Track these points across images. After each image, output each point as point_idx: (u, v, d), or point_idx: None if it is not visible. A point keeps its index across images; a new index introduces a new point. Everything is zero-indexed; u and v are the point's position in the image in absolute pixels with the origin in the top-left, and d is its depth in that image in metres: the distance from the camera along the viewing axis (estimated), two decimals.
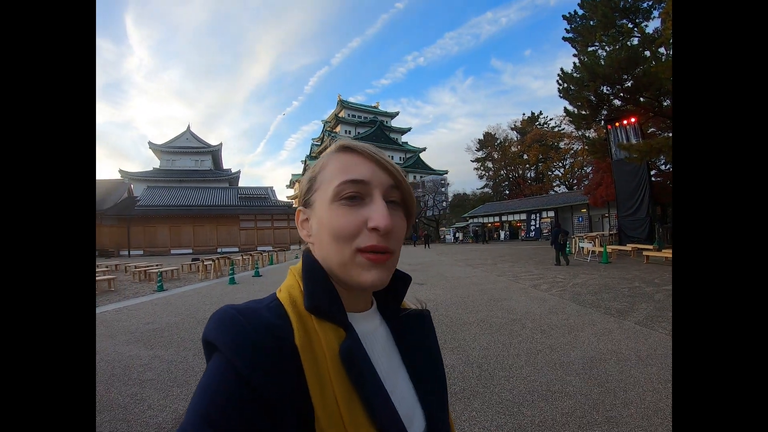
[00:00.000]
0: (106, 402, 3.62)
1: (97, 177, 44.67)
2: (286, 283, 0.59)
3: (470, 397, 3.48)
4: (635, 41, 15.89)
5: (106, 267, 18.18)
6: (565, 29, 19.65)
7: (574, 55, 18.78)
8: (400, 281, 0.66)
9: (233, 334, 0.47)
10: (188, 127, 51.37)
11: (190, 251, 34.41)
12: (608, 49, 16.46)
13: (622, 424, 2.88)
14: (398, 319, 0.66)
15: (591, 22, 18.12)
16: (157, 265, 16.94)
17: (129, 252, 34.15)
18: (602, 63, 15.75)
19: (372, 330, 0.61)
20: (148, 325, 6.95)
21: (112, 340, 5.91)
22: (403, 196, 0.59)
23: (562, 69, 18.28)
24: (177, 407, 3.45)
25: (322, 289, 0.55)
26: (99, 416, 3.33)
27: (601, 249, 14.77)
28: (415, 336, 0.66)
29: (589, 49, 17.97)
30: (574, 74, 17.67)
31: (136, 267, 16.83)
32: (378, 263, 0.53)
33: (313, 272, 0.56)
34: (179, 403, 3.54)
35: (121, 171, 44.72)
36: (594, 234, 23.16)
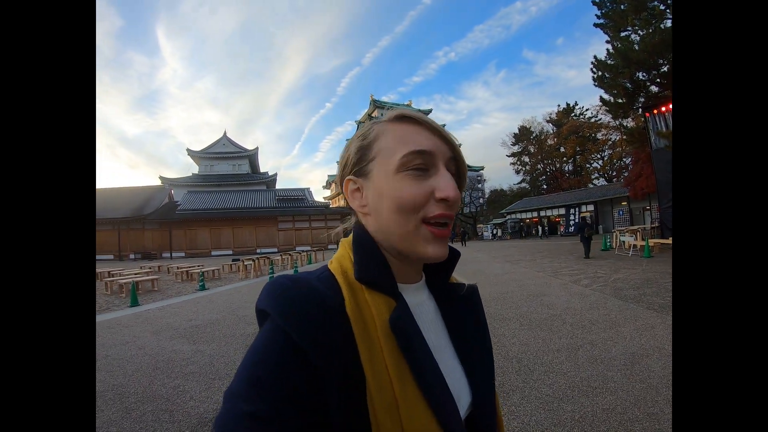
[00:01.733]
0: (150, 393, 3.79)
1: (138, 184, 46.65)
2: (337, 255, 0.59)
3: (509, 391, 3.44)
4: (669, 23, 15.13)
5: (150, 268, 18.98)
6: (596, 15, 18.91)
7: (607, 42, 18.07)
8: (450, 255, 0.65)
9: (284, 301, 0.48)
10: (224, 133, 52.66)
11: (230, 252, 35.30)
12: (641, 33, 15.79)
13: (663, 421, 2.78)
14: (446, 294, 0.66)
15: (621, 6, 17.28)
16: (198, 266, 17.53)
17: (171, 254, 35.39)
18: (636, 48, 15.11)
19: (420, 302, 0.61)
20: (191, 321, 7.21)
21: (156, 336, 6.17)
22: (459, 169, 0.60)
23: (595, 56, 17.72)
24: (218, 399, 3.56)
25: (373, 260, 0.55)
26: (143, 406, 3.49)
27: (643, 243, 14.22)
28: (463, 311, 0.66)
29: (622, 34, 17.27)
30: (608, 61, 17.06)
31: (178, 268, 17.49)
32: (441, 237, 0.54)
33: (364, 243, 0.57)
34: (220, 395, 3.63)
35: (161, 177, 46.38)
36: (635, 227, 22.33)
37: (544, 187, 56.86)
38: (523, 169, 60.36)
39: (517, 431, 2.80)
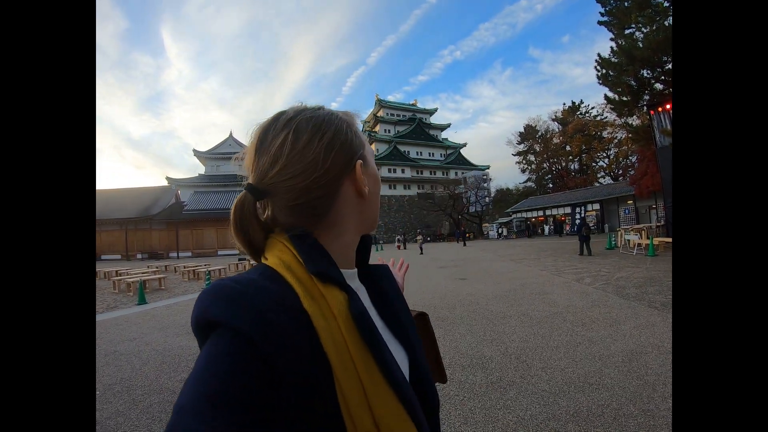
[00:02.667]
0: (157, 386, 3.90)
1: (145, 185, 46.66)
2: (276, 251, 0.55)
3: (506, 386, 3.50)
4: None
5: (157, 267, 19.13)
6: (600, 12, 18.85)
7: (611, 39, 18.01)
8: (367, 238, 0.69)
9: (238, 305, 0.44)
10: (230, 133, 52.73)
11: (236, 252, 35.33)
12: (645, 31, 15.64)
13: (659, 417, 2.82)
14: (369, 277, 0.68)
15: (625, 3, 17.20)
16: (205, 265, 17.67)
17: (178, 253, 35.62)
18: (640, 45, 14.99)
19: (357, 287, 0.62)
20: None
21: (163, 333, 6.29)
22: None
23: (599, 54, 17.61)
24: None
25: (319, 253, 0.54)
26: (149, 398, 3.61)
27: (648, 241, 14.17)
28: (384, 290, 0.68)
29: (626, 31, 17.17)
30: (612, 59, 16.93)
31: (185, 267, 17.62)
32: None
33: (301, 236, 0.55)
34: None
35: (168, 178, 46.51)
36: (640, 226, 22.19)
37: (550, 185, 56.79)
38: (529, 168, 60.37)
39: (513, 425, 2.86)
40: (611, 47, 17.01)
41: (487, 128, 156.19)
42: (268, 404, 0.41)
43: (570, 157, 54.87)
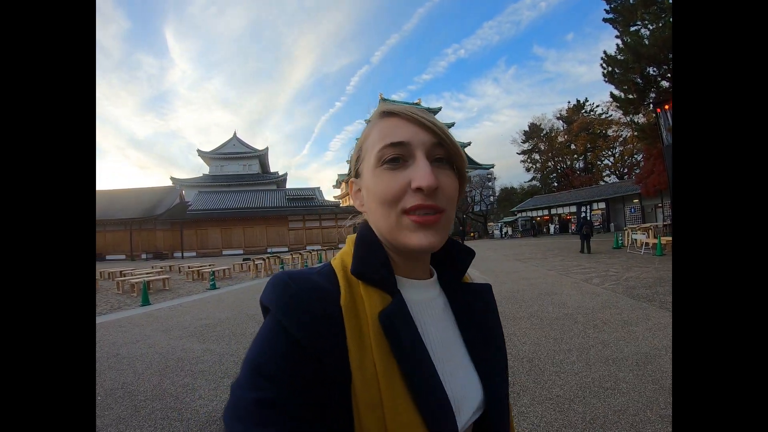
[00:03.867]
0: (159, 391, 3.81)
1: (149, 185, 47.20)
2: (341, 251, 0.60)
3: (519, 392, 3.40)
4: None
5: (161, 267, 19.14)
6: (605, 10, 18.69)
7: (617, 37, 17.81)
8: (463, 253, 0.66)
9: (282, 297, 0.49)
10: (234, 133, 53.04)
11: (241, 252, 35.49)
12: (651, 28, 15.52)
13: None
14: (458, 292, 0.65)
15: (631, 0, 17.11)
16: (210, 265, 17.66)
17: (182, 254, 35.64)
18: (646, 43, 14.90)
19: (429, 299, 0.60)
20: (201, 320, 7.25)
21: (167, 335, 6.22)
22: (449, 153, 0.56)
23: (605, 52, 17.50)
24: (227, 397, 3.55)
25: (373, 255, 0.55)
26: (152, 404, 3.52)
27: (655, 241, 14.03)
28: (474, 309, 0.64)
29: (632, 28, 16.98)
30: (618, 56, 16.83)
31: (189, 267, 17.63)
32: (426, 225, 0.52)
33: (366, 239, 0.57)
34: (229, 393, 3.68)
35: (172, 178, 46.84)
36: (647, 225, 22.03)
37: (555, 184, 56.29)
38: (534, 166, 59.88)
39: None
40: (617, 45, 16.92)
41: (492, 127, 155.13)
42: (304, 382, 0.45)
43: (575, 156, 54.40)
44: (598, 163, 51.23)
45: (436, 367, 0.52)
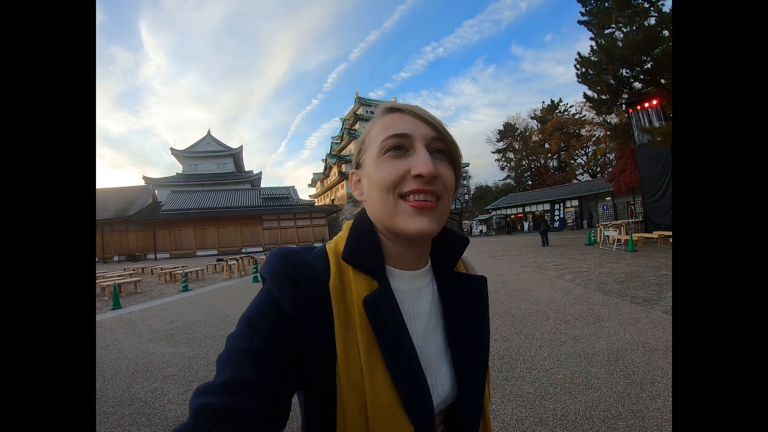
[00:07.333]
0: (128, 397, 3.70)
1: (122, 184, 46.12)
2: (337, 235, 0.65)
3: (491, 390, 3.39)
4: (652, 21, 15.20)
5: (133, 270, 18.67)
6: (580, 12, 18.99)
7: (591, 39, 18.13)
8: (456, 241, 0.70)
9: (275, 271, 0.54)
10: (209, 131, 52.30)
11: (215, 252, 34.98)
12: (625, 30, 15.80)
13: (648, 418, 2.76)
14: (451, 283, 0.67)
15: (606, 4, 17.39)
16: (182, 267, 17.28)
17: (155, 255, 34.88)
18: (620, 45, 15.20)
19: (417, 289, 0.63)
20: (172, 323, 7.09)
21: (137, 339, 6.05)
22: (448, 146, 0.61)
23: (579, 53, 17.73)
24: None
25: (364, 242, 0.59)
26: (120, 410, 3.42)
27: (627, 237, 14.37)
28: (465, 303, 0.66)
29: (606, 31, 17.28)
30: (592, 58, 17.09)
31: (161, 269, 17.22)
32: (423, 209, 0.55)
33: (361, 226, 0.61)
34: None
35: (145, 178, 45.78)
36: (619, 222, 22.56)
37: (529, 183, 57.00)
38: (508, 165, 60.50)
39: (498, 431, 2.77)
40: (591, 46, 17.18)
41: (469, 125, 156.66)
42: (288, 343, 0.51)
43: (549, 155, 55.20)
44: (572, 161, 52.28)
45: (419, 354, 0.56)
